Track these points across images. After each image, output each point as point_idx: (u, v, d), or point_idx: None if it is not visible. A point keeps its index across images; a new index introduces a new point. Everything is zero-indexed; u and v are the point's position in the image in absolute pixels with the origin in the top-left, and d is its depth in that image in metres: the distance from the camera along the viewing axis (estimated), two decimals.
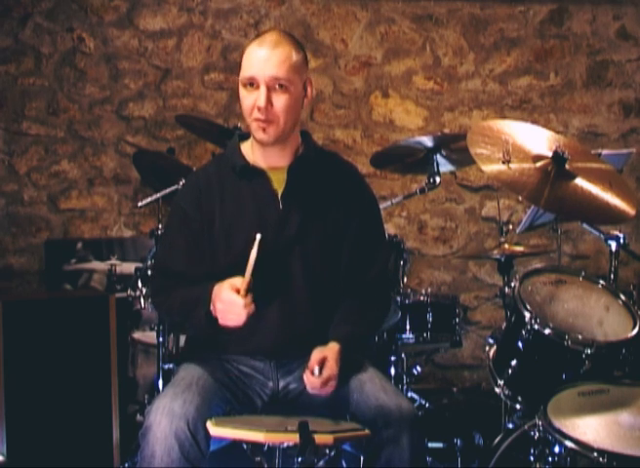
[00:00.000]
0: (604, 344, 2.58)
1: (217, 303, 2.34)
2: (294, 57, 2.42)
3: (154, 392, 3.48)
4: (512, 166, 2.66)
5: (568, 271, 2.94)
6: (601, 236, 3.01)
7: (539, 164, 2.71)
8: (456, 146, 3.43)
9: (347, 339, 2.44)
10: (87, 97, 4.73)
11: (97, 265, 4.55)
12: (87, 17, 4.71)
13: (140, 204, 3.69)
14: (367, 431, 2.30)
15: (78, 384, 3.26)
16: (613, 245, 2.98)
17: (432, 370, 4.77)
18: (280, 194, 2.49)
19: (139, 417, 3.69)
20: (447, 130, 4.81)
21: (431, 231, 4.93)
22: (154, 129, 4.77)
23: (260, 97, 2.39)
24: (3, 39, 4.65)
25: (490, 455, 2.83)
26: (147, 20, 4.75)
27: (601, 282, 2.82)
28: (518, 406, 2.68)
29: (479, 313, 4.94)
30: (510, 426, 2.96)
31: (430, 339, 3.53)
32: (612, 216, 2.74)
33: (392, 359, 3.42)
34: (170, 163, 3.94)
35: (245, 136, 2.58)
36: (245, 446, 2.30)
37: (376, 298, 2.57)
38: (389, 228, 4.57)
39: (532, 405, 2.57)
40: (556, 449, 2.39)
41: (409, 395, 3.64)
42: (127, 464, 3.32)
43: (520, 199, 4.56)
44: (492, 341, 3.19)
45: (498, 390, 2.70)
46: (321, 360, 2.34)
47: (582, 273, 2.86)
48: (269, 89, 2.39)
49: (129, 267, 3.99)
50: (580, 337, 2.57)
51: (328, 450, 2.31)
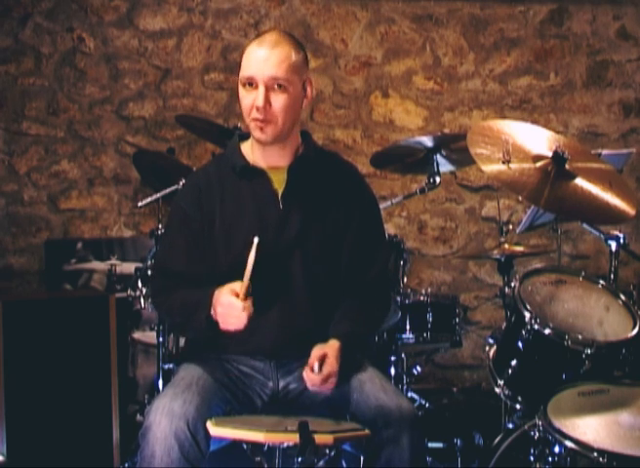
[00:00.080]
0: (604, 344, 2.58)
1: (217, 307, 2.34)
2: (293, 57, 2.42)
3: (154, 392, 3.48)
4: (512, 166, 2.66)
5: (568, 271, 2.94)
6: (601, 236, 3.01)
7: (539, 164, 2.71)
8: (456, 146, 3.43)
9: (347, 337, 2.43)
10: (87, 97, 4.73)
11: (97, 265, 4.55)
12: (87, 17, 4.71)
13: (140, 204, 3.69)
14: (367, 431, 2.30)
15: (78, 384, 3.25)
16: (613, 245, 2.98)
17: (432, 370, 4.77)
18: (280, 194, 2.49)
19: (139, 417, 3.69)
20: (447, 130, 4.81)
21: (431, 231, 4.93)
22: (154, 129, 4.77)
23: (259, 97, 2.39)
24: (3, 39, 4.65)
25: (490, 455, 2.83)
26: (147, 20, 4.75)
27: (601, 282, 2.82)
28: (518, 406, 2.68)
29: (479, 313, 4.94)
30: (510, 426, 2.96)
31: (430, 339, 3.53)
32: (612, 216, 2.74)
33: (392, 359, 3.42)
34: (170, 163, 3.94)
35: (245, 136, 2.58)
36: (245, 446, 2.30)
37: (376, 298, 2.57)
38: (389, 228, 4.57)
39: (532, 405, 2.57)
40: (556, 449, 2.39)
41: (409, 395, 3.63)
42: (127, 464, 3.32)
43: (520, 199, 4.56)
44: (492, 341, 3.19)
45: (498, 390, 2.70)
46: (321, 357, 2.34)
47: (582, 273, 2.86)
48: (268, 89, 2.39)
49: (129, 267, 3.99)
50: (580, 337, 2.57)
51: (328, 450, 2.31)
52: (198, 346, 2.58)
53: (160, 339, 3.44)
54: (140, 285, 3.53)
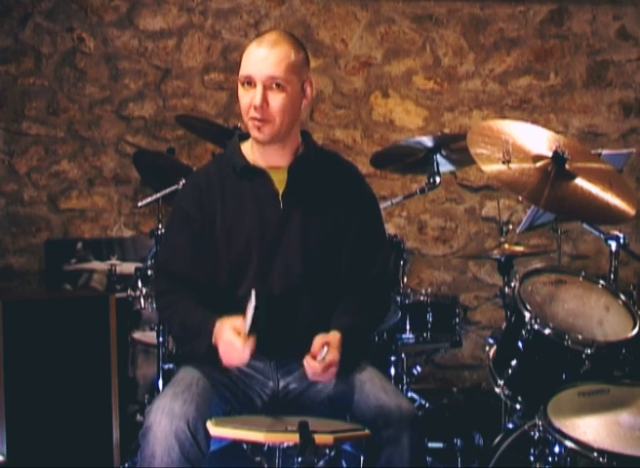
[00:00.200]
0: (604, 344, 2.58)
1: (219, 341, 2.34)
2: (292, 56, 2.41)
3: (154, 392, 3.48)
4: (512, 166, 2.66)
5: (568, 271, 2.94)
6: (601, 236, 3.00)
7: (539, 164, 2.71)
8: (456, 146, 3.43)
9: (348, 329, 2.43)
10: (87, 97, 4.73)
11: (97, 265, 4.55)
12: (87, 17, 4.71)
13: (140, 204, 3.69)
14: (367, 431, 2.30)
15: (78, 384, 3.25)
16: (613, 245, 2.97)
17: (432, 370, 4.77)
18: (281, 194, 2.49)
19: (139, 417, 3.69)
20: (447, 130, 4.81)
21: (431, 231, 4.93)
22: (154, 129, 4.77)
23: (256, 96, 2.39)
24: (3, 39, 4.65)
25: (490, 455, 2.83)
26: (147, 20, 4.75)
27: (601, 282, 2.82)
28: (518, 406, 2.68)
29: (479, 313, 4.94)
30: (510, 426, 2.96)
31: (430, 339, 3.53)
32: (612, 216, 2.74)
33: (392, 359, 3.42)
34: (170, 163, 3.94)
35: (245, 136, 2.58)
36: (245, 446, 2.30)
37: (376, 298, 2.57)
38: (389, 228, 4.56)
39: (532, 405, 2.57)
40: (556, 449, 2.39)
41: (409, 395, 3.63)
42: (127, 464, 3.32)
43: (520, 199, 4.56)
44: (492, 341, 3.19)
45: (498, 390, 2.70)
46: (323, 345, 2.34)
47: (582, 273, 2.86)
48: (266, 88, 2.39)
49: (129, 267, 3.99)
50: (580, 337, 2.57)
51: (328, 450, 2.31)
52: None
53: (160, 339, 3.44)
54: (141, 285, 3.53)
